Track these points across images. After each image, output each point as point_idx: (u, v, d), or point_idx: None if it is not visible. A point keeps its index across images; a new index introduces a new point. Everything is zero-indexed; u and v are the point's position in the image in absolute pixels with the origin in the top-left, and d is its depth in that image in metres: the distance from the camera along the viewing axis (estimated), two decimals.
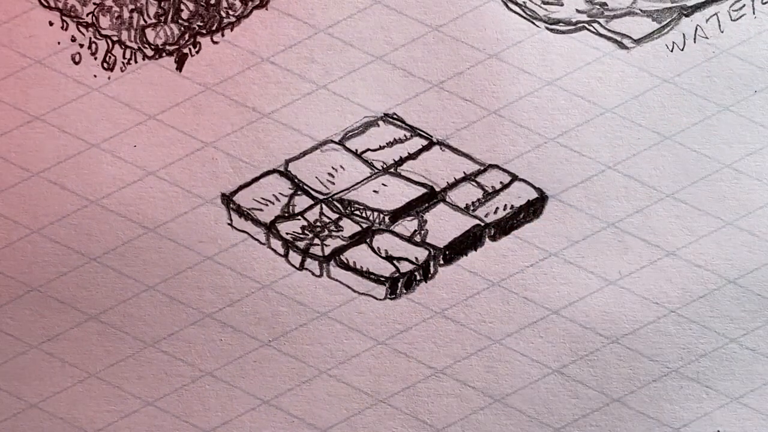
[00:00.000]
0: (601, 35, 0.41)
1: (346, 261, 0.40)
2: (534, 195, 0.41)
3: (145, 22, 0.41)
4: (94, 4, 0.41)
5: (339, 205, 0.41)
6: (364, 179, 0.41)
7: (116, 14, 0.41)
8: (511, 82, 0.41)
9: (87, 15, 0.41)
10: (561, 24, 0.41)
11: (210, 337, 0.40)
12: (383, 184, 0.41)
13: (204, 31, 0.41)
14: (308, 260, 0.40)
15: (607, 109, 0.41)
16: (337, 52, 0.41)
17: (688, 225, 0.41)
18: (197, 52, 0.41)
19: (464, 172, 0.41)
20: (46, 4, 0.41)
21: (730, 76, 0.41)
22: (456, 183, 0.41)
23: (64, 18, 0.41)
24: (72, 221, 0.40)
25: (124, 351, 0.40)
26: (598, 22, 0.41)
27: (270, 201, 0.41)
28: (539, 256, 0.41)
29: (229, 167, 0.41)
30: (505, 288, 0.40)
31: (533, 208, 0.41)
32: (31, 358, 0.40)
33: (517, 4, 0.41)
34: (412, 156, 0.41)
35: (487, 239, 0.41)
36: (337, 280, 0.40)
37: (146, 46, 0.41)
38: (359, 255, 0.40)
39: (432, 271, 0.40)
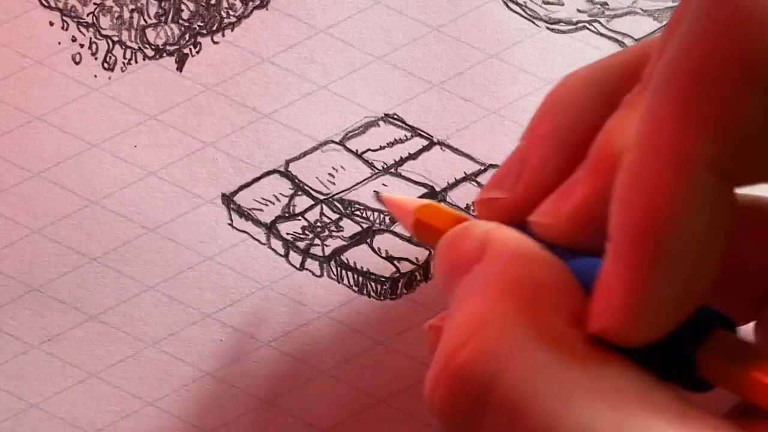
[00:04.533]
0: (601, 35, 0.41)
1: (346, 261, 0.40)
2: None
3: (146, 22, 0.41)
4: (95, 4, 0.41)
5: (339, 205, 0.41)
6: (365, 179, 0.41)
7: (116, 14, 0.41)
8: (511, 82, 0.41)
9: (87, 15, 0.41)
10: (561, 24, 0.41)
11: (210, 337, 0.40)
12: (383, 184, 0.41)
13: (204, 32, 0.41)
14: (308, 260, 0.40)
15: None
16: (337, 52, 0.41)
17: None
18: (197, 52, 0.41)
19: (464, 172, 0.41)
20: (46, 4, 0.41)
21: None
22: (456, 183, 0.41)
23: (64, 18, 0.41)
24: (72, 221, 0.40)
25: (124, 351, 0.40)
26: (599, 22, 0.41)
27: (270, 201, 0.41)
28: None
29: (229, 167, 0.41)
30: None
31: None
32: (31, 358, 0.40)
33: (517, 3, 0.41)
34: (412, 156, 0.41)
35: None
36: (337, 280, 0.40)
37: (147, 46, 0.41)
38: (359, 255, 0.40)
39: (432, 271, 0.40)
